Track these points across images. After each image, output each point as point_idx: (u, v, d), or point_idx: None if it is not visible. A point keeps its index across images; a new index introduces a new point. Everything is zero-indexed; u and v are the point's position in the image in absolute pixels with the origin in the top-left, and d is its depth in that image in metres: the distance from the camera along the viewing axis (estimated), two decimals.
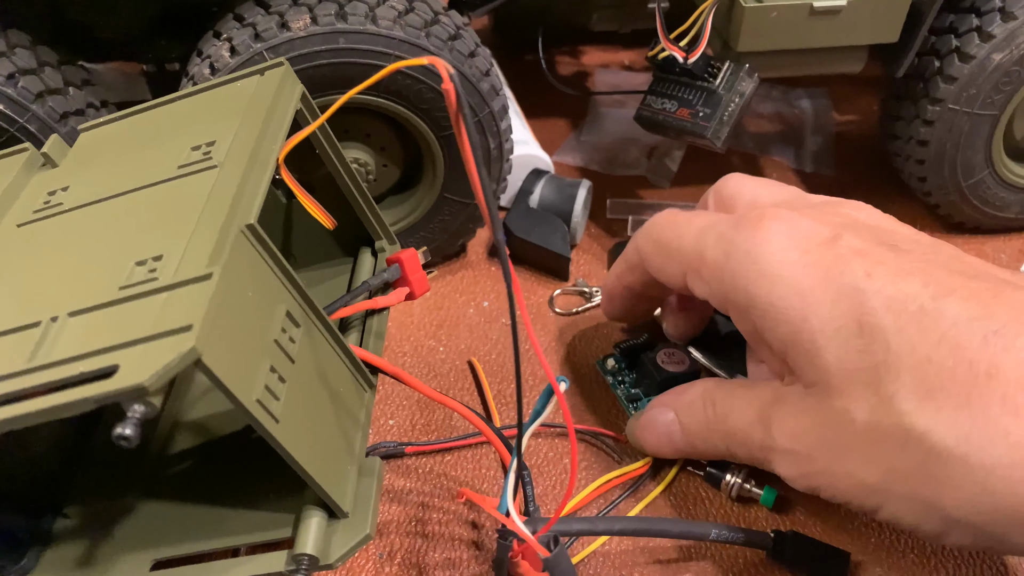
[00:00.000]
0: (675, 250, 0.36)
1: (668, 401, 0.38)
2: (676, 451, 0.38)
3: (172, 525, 0.32)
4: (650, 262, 0.38)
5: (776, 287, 0.31)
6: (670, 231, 0.36)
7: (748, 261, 0.32)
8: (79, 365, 0.22)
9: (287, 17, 0.41)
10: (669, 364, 0.42)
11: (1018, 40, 0.46)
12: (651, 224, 0.38)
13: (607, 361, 0.45)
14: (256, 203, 0.28)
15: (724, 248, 0.33)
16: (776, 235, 0.32)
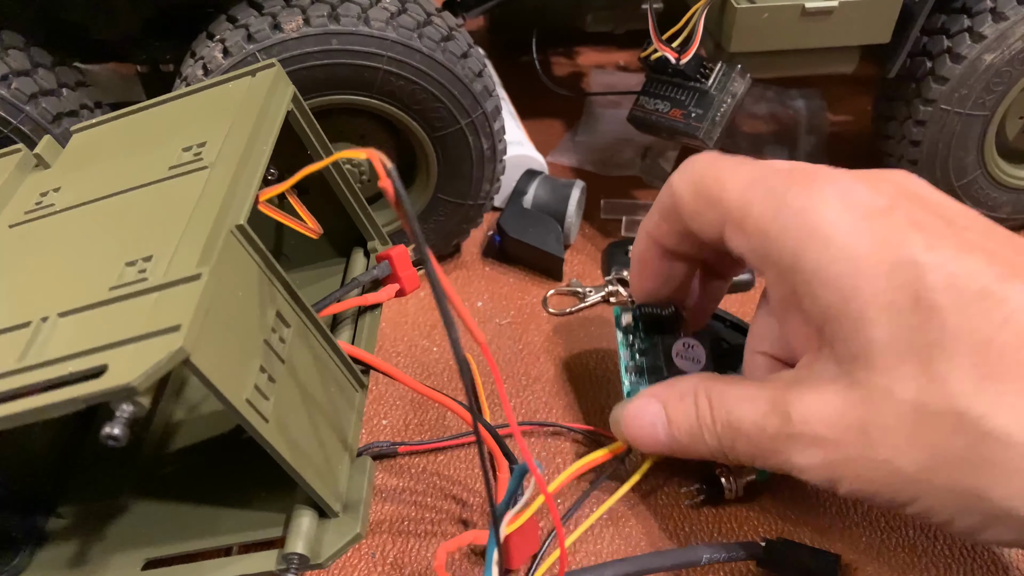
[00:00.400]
0: (716, 198, 0.33)
1: (658, 393, 0.36)
2: (660, 447, 0.35)
3: (164, 524, 0.32)
4: (686, 207, 0.34)
5: (828, 250, 0.29)
6: (712, 177, 0.33)
7: (800, 219, 0.30)
8: (68, 365, 0.23)
9: (280, 18, 0.41)
10: (683, 359, 0.39)
11: (1009, 41, 0.47)
12: (690, 166, 0.35)
13: (624, 315, 0.40)
14: (247, 204, 0.28)
15: (774, 203, 0.30)
16: (832, 196, 0.30)
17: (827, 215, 0.29)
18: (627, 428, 0.36)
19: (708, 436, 0.33)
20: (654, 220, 0.37)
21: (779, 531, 0.37)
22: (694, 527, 0.38)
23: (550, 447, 0.42)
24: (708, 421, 0.33)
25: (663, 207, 0.36)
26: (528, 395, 0.45)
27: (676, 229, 0.36)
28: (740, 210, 0.32)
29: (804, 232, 0.29)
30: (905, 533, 0.37)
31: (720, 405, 0.33)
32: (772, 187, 0.31)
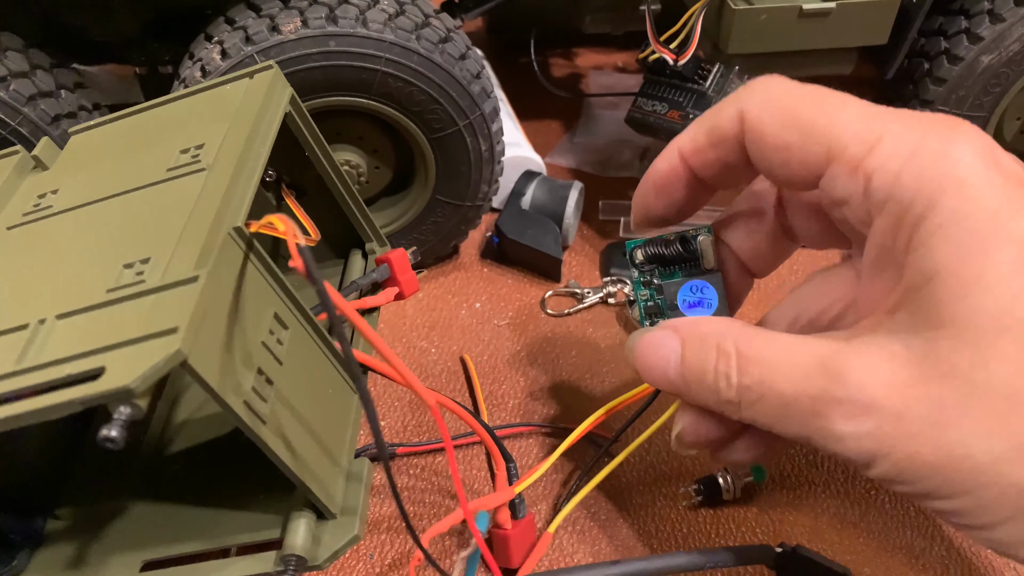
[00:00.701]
0: (822, 128, 0.28)
1: (680, 326, 0.32)
2: (667, 383, 0.32)
3: (162, 526, 0.32)
4: (766, 140, 0.29)
5: (967, 203, 0.25)
6: (811, 105, 0.29)
7: (945, 163, 0.26)
8: (66, 367, 0.23)
9: (278, 20, 0.41)
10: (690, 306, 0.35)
11: (1007, 42, 0.47)
12: (771, 89, 0.30)
13: (636, 251, 0.36)
14: (244, 206, 0.28)
15: (910, 143, 0.27)
16: (980, 151, 0.26)
17: (975, 166, 0.26)
18: (638, 357, 0.33)
19: (723, 386, 0.30)
20: (697, 142, 0.32)
21: (776, 532, 0.38)
22: (691, 528, 0.38)
23: (548, 448, 0.42)
24: (729, 371, 0.29)
25: (717, 131, 0.31)
26: (526, 396, 0.45)
27: (724, 159, 0.31)
28: (861, 147, 0.27)
29: (945, 179, 0.26)
30: (903, 535, 0.37)
31: (752, 355, 0.29)
32: (905, 127, 0.27)
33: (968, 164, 0.26)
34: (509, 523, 0.35)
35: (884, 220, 0.27)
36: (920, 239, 0.26)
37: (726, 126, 0.30)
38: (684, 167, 0.33)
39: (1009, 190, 0.26)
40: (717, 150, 0.31)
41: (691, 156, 0.32)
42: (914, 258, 0.26)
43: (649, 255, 0.35)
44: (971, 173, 0.26)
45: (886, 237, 0.28)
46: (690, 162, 0.32)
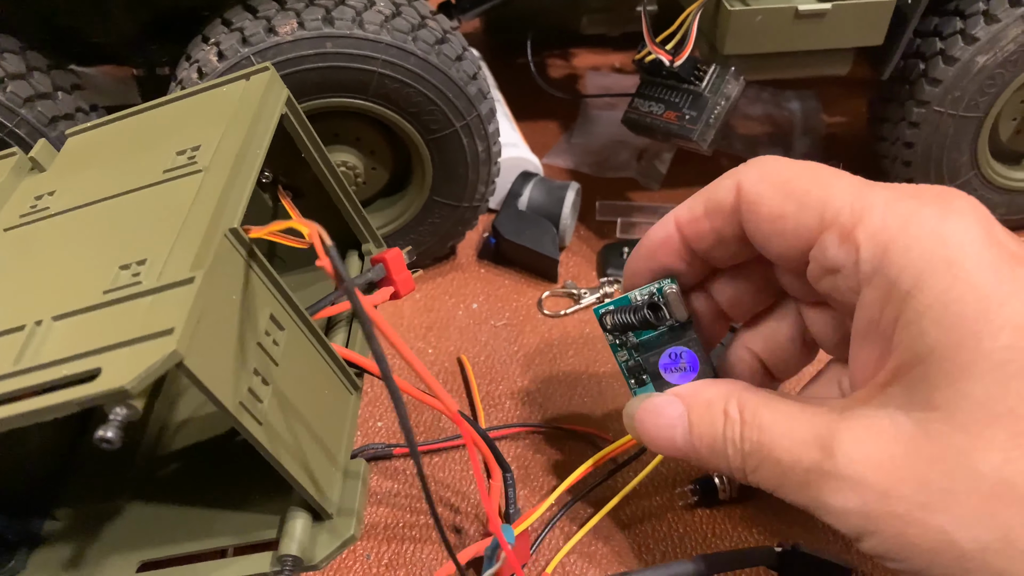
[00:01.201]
0: (815, 199, 0.29)
1: (683, 394, 0.32)
2: (675, 451, 0.32)
3: (160, 527, 0.32)
4: (762, 210, 0.30)
5: (959, 285, 0.25)
6: (806, 178, 0.29)
7: (934, 242, 0.26)
8: (63, 368, 0.23)
9: (274, 22, 0.41)
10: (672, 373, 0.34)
11: (1002, 43, 0.47)
12: (769, 164, 0.31)
13: (606, 317, 0.35)
14: (240, 207, 0.28)
15: (901, 217, 0.27)
16: (973, 227, 0.26)
17: (966, 247, 0.26)
18: (641, 425, 0.33)
19: (732, 452, 0.30)
20: (694, 213, 0.33)
21: (772, 532, 0.38)
22: (688, 528, 0.38)
23: (545, 448, 0.42)
24: (735, 436, 0.30)
25: (713, 203, 0.32)
26: (523, 396, 0.45)
27: (718, 230, 0.32)
28: (852, 216, 0.28)
29: (938, 256, 0.26)
30: None
31: (753, 422, 0.30)
32: (898, 199, 0.27)
33: (958, 242, 0.26)
34: None
35: (872, 293, 0.27)
36: (908, 318, 0.26)
37: (723, 196, 0.31)
38: (678, 236, 0.33)
39: (1001, 270, 0.25)
40: (712, 220, 0.32)
41: (686, 225, 0.33)
42: (903, 336, 0.26)
43: (617, 323, 0.35)
44: (961, 252, 0.25)
45: (873, 310, 0.28)
46: (685, 232, 0.33)
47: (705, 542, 0.37)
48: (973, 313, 0.25)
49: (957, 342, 0.25)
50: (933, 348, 0.25)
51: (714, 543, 0.37)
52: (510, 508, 0.35)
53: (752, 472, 0.30)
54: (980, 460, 0.24)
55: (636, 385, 0.35)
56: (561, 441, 0.42)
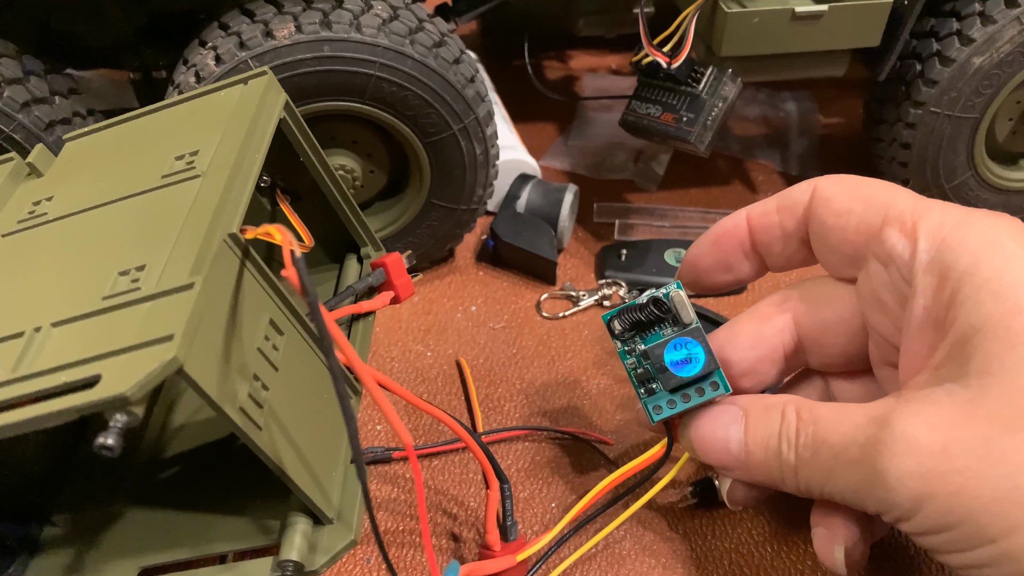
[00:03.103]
0: (881, 201, 0.32)
1: (740, 400, 0.34)
2: (727, 457, 0.33)
3: (159, 532, 0.32)
4: (832, 204, 0.33)
5: (1012, 262, 0.28)
6: (876, 185, 0.33)
7: (989, 231, 0.29)
8: (62, 375, 0.23)
9: (272, 26, 0.41)
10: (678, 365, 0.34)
11: (998, 44, 0.47)
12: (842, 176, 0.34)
13: (614, 322, 0.36)
14: (239, 212, 0.28)
15: (957, 216, 0.30)
16: (1018, 229, 0.29)
17: (1014, 238, 0.29)
18: (695, 433, 0.34)
19: (785, 449, 0.31)
20: (767, 207, 0.35)
21: (772, 533, 0.38)
22: (688, 530, 0.38)
23: (544, 451, 0.42)
24: (791, 433, 0.31)
25: (788, 199, 0.35)
26: (522, 399, 0.45)
27: (784, 224, 0.35)
28: (915, 211, 0.31)
29: (990, 243, 0.29)
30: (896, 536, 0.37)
31: (809, 418, 0.31)
32: (952, 207, 0.31)
33: (1009, 236, 0.29)
34: (498, 545, 0.35)
35: (928, 279, 0.30)
36: (965, 295, 0.28)
37: (797, 195, 0.35)
38: (746, 230, 0.36)
39: None
40: (782, 215, 0.35)
41: (757, 218, 0.36)
42: (959, 312, 0.28)
43: (626, 323, 0.35)
44: (1012, 242, 0.29)
45: (928, 296, 0.30)
46: (754, 223, 0.36)
47: (705, 544, 0.37)
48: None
49: (1012, 310, 0.27)
50: (989, 316, 0.27)
51: (714, 544, 0.37)
52: (507, 521, 0.35)
53: (804, 465, 0.30)
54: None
55: (646, 394, 0.35)
56: (560, 444, 0.42)
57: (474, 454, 0.34)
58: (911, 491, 0.27)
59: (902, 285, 0.31)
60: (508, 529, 0.35)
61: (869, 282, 0.32)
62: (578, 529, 0.37)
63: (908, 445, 0.27)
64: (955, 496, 0.26)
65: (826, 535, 0.33)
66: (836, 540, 0.32)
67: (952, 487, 0.26)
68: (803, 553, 0.37)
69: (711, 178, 0.63)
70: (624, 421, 0.43)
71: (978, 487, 0.26)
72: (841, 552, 0.32)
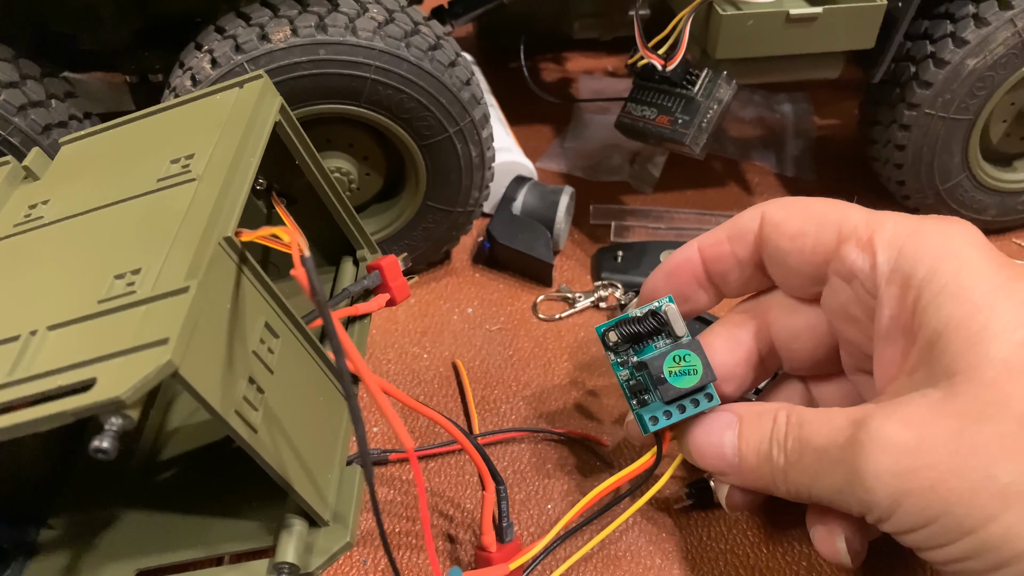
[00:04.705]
0: (832, 219, 0.33)
1: (735, 407, 0.34)
2: (722, 462, 0.34)
3: (156, 535, 0.32)
4: (783, 229, 0.34)
5: (967, 266, 0.29)
6: (825, 204, 0.34)
7: (942, 237, 0.30)
8: (57, 379, 0.23)
9: (267, 29, 0.41)
10: (677, 376, 0.34)
11: (991, 46, 0.47)
12: (788, 198, 0.35)
13: (609, 334, 0.36)
14: (234, 216, 0.28)
15: (911, 225, 0.31)
16: (968, 233, 0.30)
17: (968, 243, 0.30)
18: (692, 439, 0.34)
19: (776, 452, 0.32)
20: (715, 238, 0.36)
21: (768, 535, 0.38)
22: (684, 531, 0.38)
23: (540, 453, 0.42)
24: (780, 436, 0.32)
25: (736, 228, 0.35)
26: (518, 401, 0.45)
27: (737, 254, 0.35)
28: (868, 225, 0.32)
29: (944, 250, 0.30)
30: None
31: (796, 421, 0.32)
32: (903, 217, 0.32)
33: (961, 241, 0.30)
34: (494, 546, 0.35)
35: (891, 289, 0.30)
36: (926, 300, 0.29)
37: (746, 223, 0.35)
38: (698, 261, 0.37)
39: (996, 265, 0.29)
40: (734, 244, 0.35)
41: (708, 248, 0.36)
42: (923, 318, 0.29)
43: (625, 335, 0.35)
44: (965, 247, 0.29)
45: (893, 305, 0.30)
46: (706, 254, 0.36)
47: (700, 545, 0.38)
48: (983, 288, 0.28)
49: (971, 311, 0.28)
50: (951, 318, 0.28)
51: (709, 545, 0.38)
52: (503, 522, 0.35)
53: (792, 466, 0.31)
54: (1008, 407, 0.26)
55: (638, 405, 0.35)
56: (556, 445, 0.42)
57: (470, 456, 0.35)
58: (888, 488, 0.27)
59: (867, 298, 0.32)
60: (504, 530, 0.35)
61: (835, 298, 0.33)
62: (572, 533, 0.38)
63: (883, 444, 0.28)
64: (931, 491, 0.27)
65: (825, 531, 0.33)
66: (835, 533, 0.33)
67: (927, 482, 0.27)
68: (798, 554, 0.37)
69: (707, 180, 0.63)
70: (620, 418, 0.43)
71: (952, 480, 0.26)
72: (843, 542, 0.32)
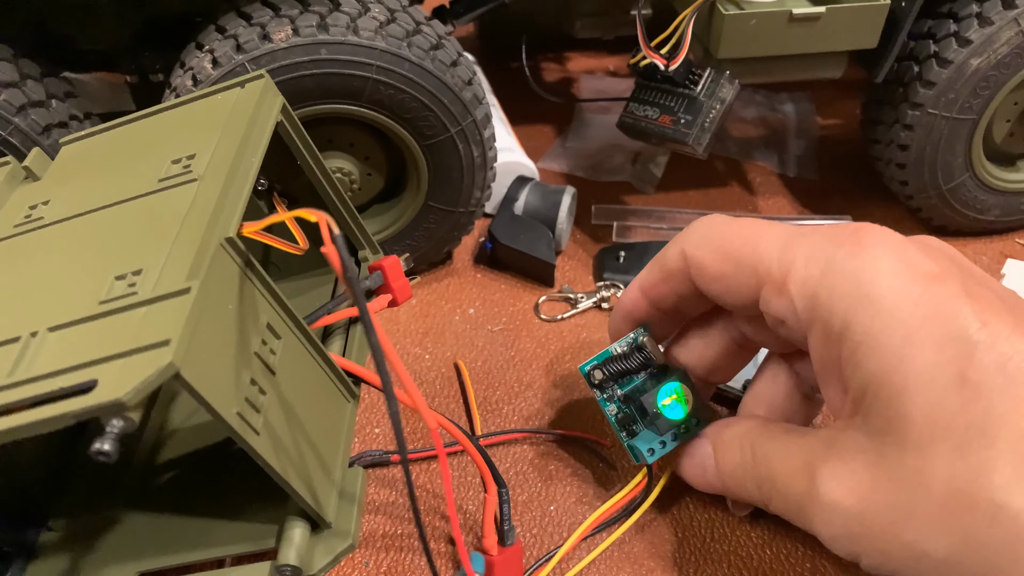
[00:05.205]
0: (748, 259, 0.32)
1: (709, 433, 0.36)
2: (709, 487, 0.35)
3: (157, 537, 0.32)
4: (706, 271, 0.33)
5: (880, 317, 0.27)
6: (739, 238, 0.32)
7: (851, 282, 0.28)
8: (58, 380, 0.22)
9: (269, 29, 0.41)
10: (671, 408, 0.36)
11: (995, 45, 0.47)
12: (706, 228, 0.34)
13: (594, 372, 0.37)
14: (236, 216, 0.28)
15: (820, 263, 0.29)
16: (884, 257, 0.28)
17: (881, 277, 0.28)
18: (680, 465, 0.37)
19: (750, 485, 0.33)
20: (651, 280, 0.36)
21: (771, 536, 0.38)
22: (687, 533, 0.38)
23: (542, 454, 0.42)
24: (750, 471, 0.33)
25: (666, 270, 0.35)
26: (520, 402, 0.45)
27: (677, 291, 0.35)
28: (780, 271, 0.30)
29: (855, 297, 0.28)
30: None
31: (761, 456, 0.32)
32: (815, 247, 0.30)
33: (871, 279, 0.28)
34: (495, 549, 0.34)
35: (815, 338, 0.30)
36: (847, 355, 0.29)
37: (672, 264, 0.35)
38: (646, 301, 0.37)
39: (916, 295, 0.27)
40: (669, 284, 0.35)
41: (648, 290, 0.36)
42: (848, 372, 0.29)
43: (612, 372, 0.37)
44: (876, 288, 0.28)
45: (820, 352, 0.30)
46: (648, 295, 0.37)
47: (704, 547, 0.37)
48: (898, 340, 0.27)
49: (889, 369, 0.27)
50: (871, 378, 0.28)
51: (712, 547, 0.37)
52: (504, 525, 0.35)
53: (769, 503, 0.32)
54: (931, 476, 0.26)
55: (627, 437, 0.37)
56: (558, 446, 0.42)
57: (472, 458, 0.34)
58: (845, 551, 0.29)
59: (801, 337, 0.31)
60: (505, 533, 0.35)
61: (776, 331, 0.33)
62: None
63: (832, 510, 0.29)
64: (882, 555, 0.28)
65: None
66: None
67: (876, 549, 0.28)
68: (802, 556, 0.37)
69: (709, 180, 0.63)
70: None
71: (895, 551, 0.27)
72: None
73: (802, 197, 0.60)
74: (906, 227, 0.57)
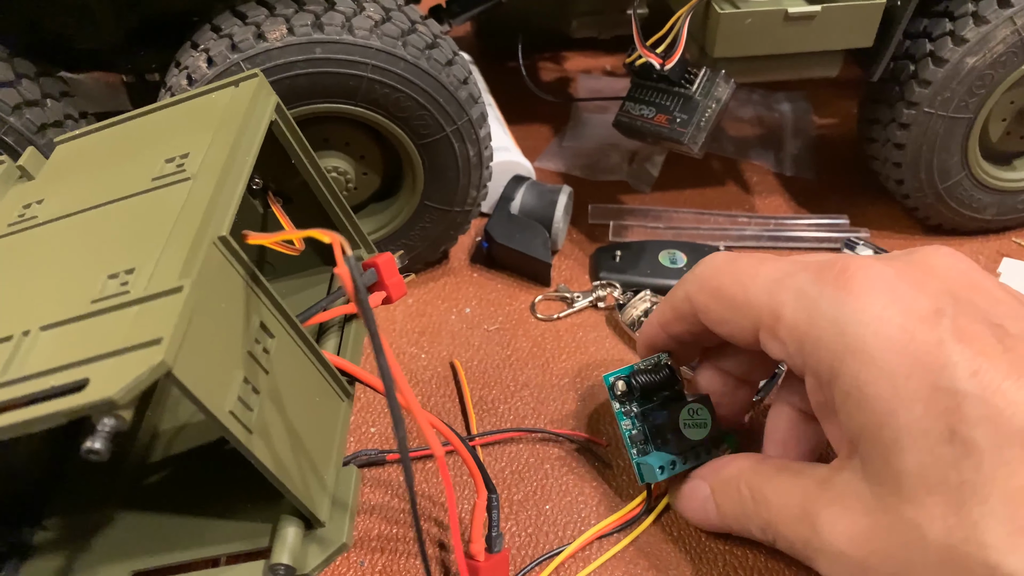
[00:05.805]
0: (742, 304, 0.32)
1: (706, 475, 0.35)
2: (714, 528, 0.36)
3: (151, 536, 0.32)
4: (708, 315, 0.34)
5: (866, 369, 0.27)
6: (730, 281, 0.32)
7: (835, 331, 0.28)
8: (50, 379, 0.22)
9: (263, 28, 0.41)
10: (690, 427, 0.36)
11: (991, 44, 0.47)
12: (703, 271, 0.34)
13: (617, 382, 0.38)
14: (229, 215, 0.28)
15: (806, 309, 0.29)
16: (871, 302, 0.28)
17: (867, 325, 0.27)
18: (682, 508, 0.37)
19: (754, 528, 0.33)
20: (667, 318, 0.37)
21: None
22: (681, 531, 0.38)
23: (538, 453, 0.42)
24: (751, 514, 0.33)
25: (679, 313, 0.36)
26: (516, 401, 0.45)
27: (694, 331, 0.36)
28: (771, 315, 0.30)
29: (840, 346, 0.28)
30: None
31: (760, 499, 0.32)
32: (802, 289, 0.30)
33: (855, 330, 0.28)
34: (482, 555, 0.34)
35: (809, 381, 0.31)
36: (838, 404, 0.29)
37: (681, 307, 0.35)
38: (667, 336, 0.38)
39: (904, 343, 0.27)
40: (682, 324, 0.36)
41: (666, 327, 0.37)
42: (841, 419, 0.29)
43: (642, 383, 0.37)
44: (861, 340, 0.28)
45: (816, 395, 0.31)
46: (667, 331, 0.37)
47: (699, 545, 0.37)
48: (886, 393, 0.27)
49: (879, 422, 0.27)
50: (862, 430, 0.28)
51: (708, 545, 0.37)
52: (493, 531, 0.35)
53: (773, 544, 0.33)
54: (927, 530, 0.26)
55: (638, 455, 0.37)
56: (554, 446, 0.42)
57: (464, 462, 0.34)
58: None
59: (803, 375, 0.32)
60: (493, 540, 0.35)
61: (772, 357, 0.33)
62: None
63: (835, 558, 0.29)
64: None
65: None
66: None
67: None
68: None
69: (705, 179, 0.63)
70: None
71: None
72: None
73: (799, 196, 0.60)
74: (903, 226, 0.57)
